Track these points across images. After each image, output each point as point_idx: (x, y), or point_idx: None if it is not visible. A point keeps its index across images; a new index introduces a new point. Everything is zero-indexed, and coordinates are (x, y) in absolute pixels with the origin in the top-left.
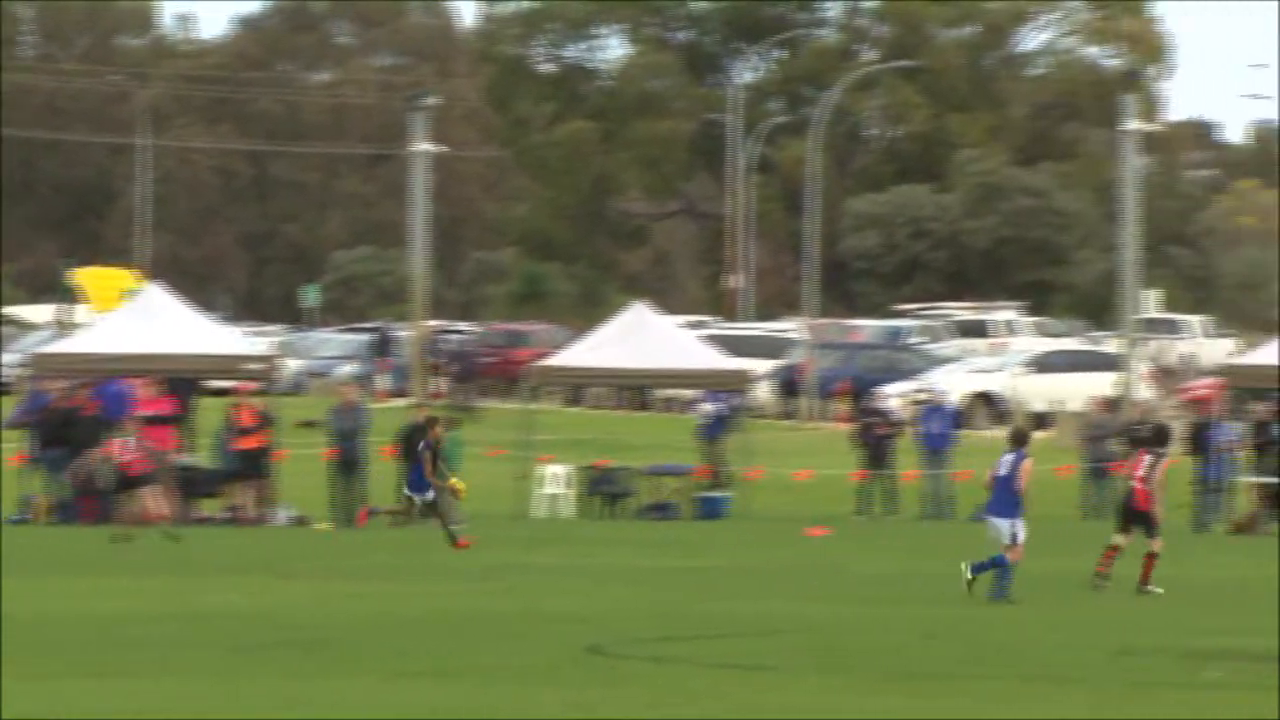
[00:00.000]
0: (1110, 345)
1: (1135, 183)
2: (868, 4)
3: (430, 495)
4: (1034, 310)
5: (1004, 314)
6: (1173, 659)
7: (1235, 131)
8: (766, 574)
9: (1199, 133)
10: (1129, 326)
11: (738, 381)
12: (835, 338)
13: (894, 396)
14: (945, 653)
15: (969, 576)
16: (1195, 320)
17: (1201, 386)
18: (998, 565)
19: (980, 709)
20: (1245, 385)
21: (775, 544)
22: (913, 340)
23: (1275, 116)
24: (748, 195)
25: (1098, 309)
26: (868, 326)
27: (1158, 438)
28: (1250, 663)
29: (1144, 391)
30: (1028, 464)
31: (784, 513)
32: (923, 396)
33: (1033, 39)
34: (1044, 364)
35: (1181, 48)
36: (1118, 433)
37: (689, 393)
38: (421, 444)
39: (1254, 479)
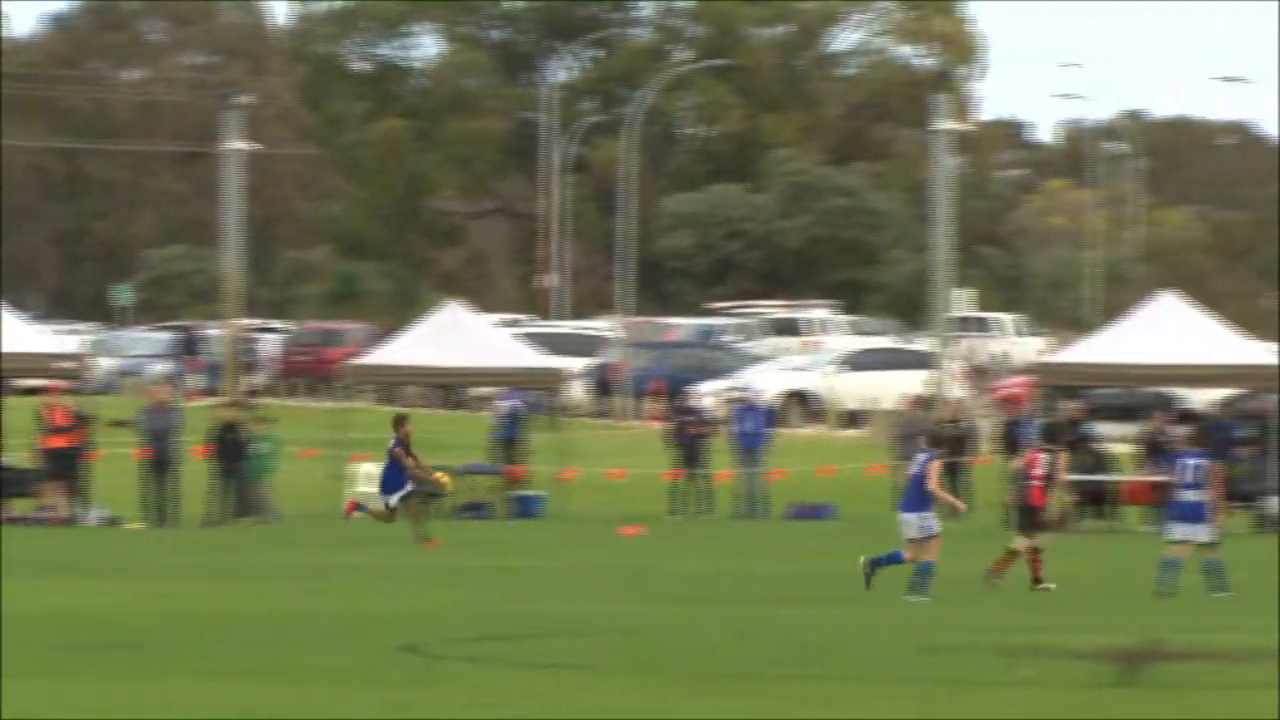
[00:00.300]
0: (922, 344)
1: (947, 182)
2: (681, 4)
3: (402, 493)
4: (847, 309)
5: (817, 313)
6: (985, 656)
7: (1046, 131)
8: (581, 574)
9: (1010, 133)
10: (941, 325)
11: (551, 380)
12: (649, 337)
13: (708, 395)
14: (759, 652)
15: (867, 570)
16: (1006, 319)
17: (1013, 385)
18: (894, 562)
19: (794, 708)
20: (1056, 384)
21: (590, 544)
22: (726, 339)
23: (1086, 116)
24: (562, 194)
25: (910, 308)
26: (682, 325)
27: (1050, 435)
28: (1063, 660)
29: (956, 390)
30: (936, 464)
31: (598, 512)
32: (736, 395)
33: (845, 39)
34: (857, 363)
35: (993, 48)
36: (929, 431)
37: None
38: (392, 442)
39: (1066, 476)
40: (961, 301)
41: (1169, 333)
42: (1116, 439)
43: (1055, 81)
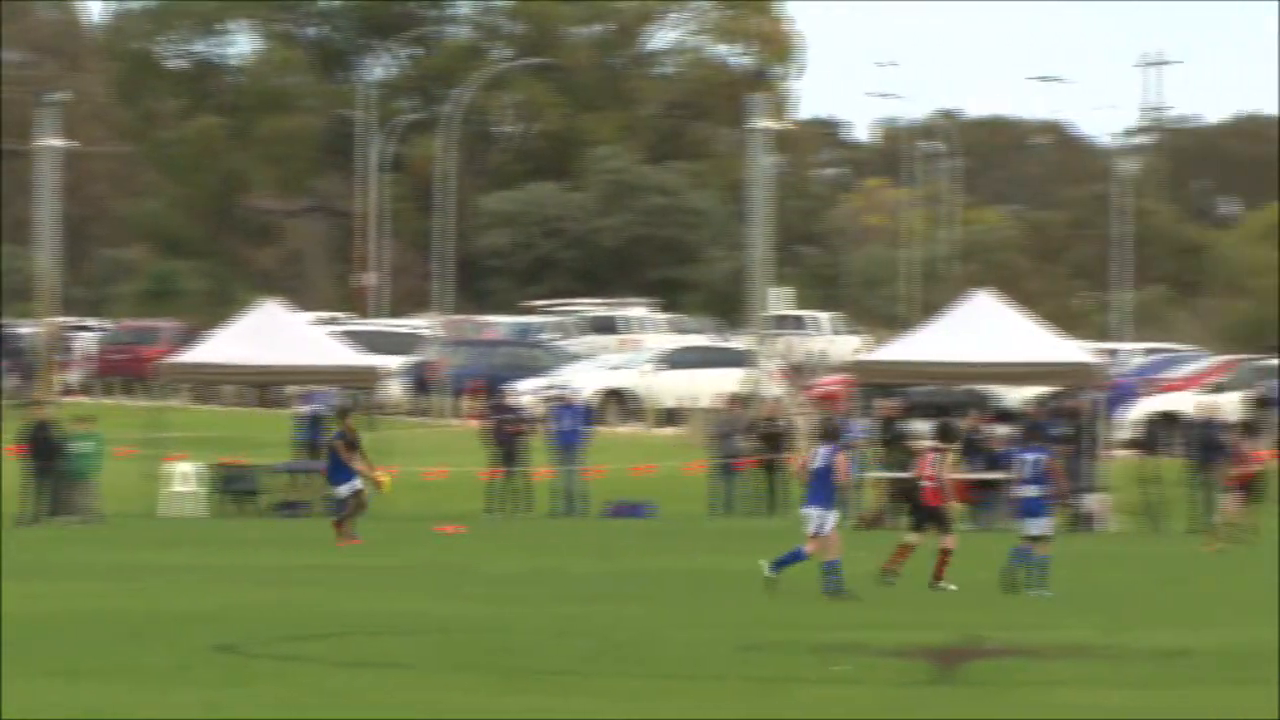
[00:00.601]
0: (740, 342)
1: (764, 181)
2: (499, 3)
3: (350, 487)
4: (665, 308)
5: (635, 311)
6: (801, 654)
7: (863, 130)
8: (399, 572)
9: (827, 132)
10: (758, 324)
11: (369, 379)
12: (467, 335)
13: (525, 394)
14: (576, 650)
15: (770, 574)
16: (823, 317)
17: (829, 383)
18: (796, 559)
19: (611, 706)
20: (872, 382)
21: (408, 542)
22: (544, 337)
23: (902, 115)
24: (379, 193)
25: (728, 306)
26: (500, 324)
27: (943, 435)
28: (878, 657)
29: (773, 388)
30: (843, 456)
31: (416, 511)
32: (554, 394)
33: (663, 38)
34: (675, 361)
35: (810, 47)
36: (746, 429)
37: (320, 389)
38: (334, 434)
39: (881, 474)
40: (779, 300)
41: (984, 331)
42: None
43: (871, 81)
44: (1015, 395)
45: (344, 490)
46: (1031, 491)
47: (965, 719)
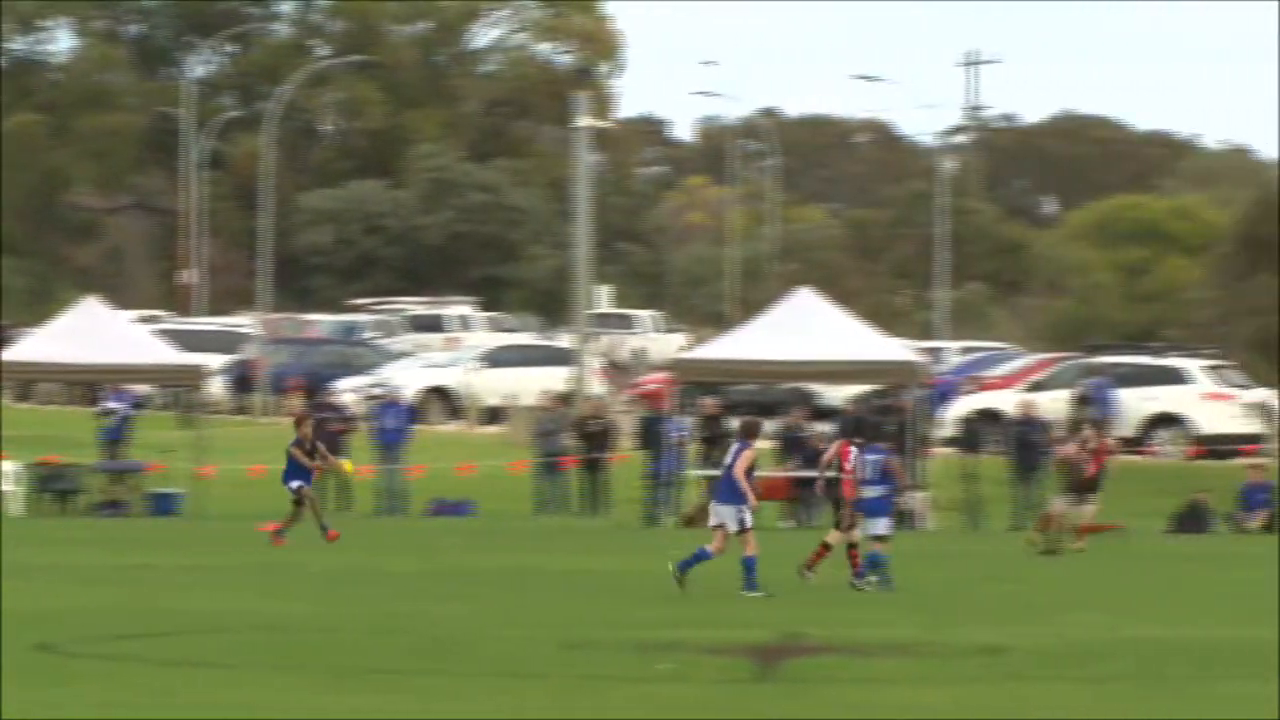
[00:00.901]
0: (562, 340)
1: (587, 179)
2: (321, 1)
3: (295, 486)
4: (487, 306)
5: (458, 309)
6: (623, 652)
7: (685, 129)
8: (220, 571)
9: (649, 130)
10: (581, 322)
11: (190, 377)
12: (289, 333)
13: (348, 392)
14: (397, 648)
15: (678, 575)
16: (646, 315)
17: (652, 381)
18: (701, 559)
19: (433, 705)
20: (694, 380)
21: (229, 541)
22: (367, 336)
23: (723, 114)
24: (200, 190)
25: (550, 304)
26: (322, 322)
27: (858, 431)
28: (701, 655)
29: (596, 386)
30: (748, 453)
31: (238, 509)
32: (377, 392)
33: (485, 36)
34: (497, 359)
35: (632, 45)
36: (569, 428)
37: (140, 388)
38: (291, 443)
39: (703, 472)
40: (601, 298)
41: (806, 329)
42: None
43: (693, 79)
44: (837, 393)
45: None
46: (873, 492)
47: (786, 717)
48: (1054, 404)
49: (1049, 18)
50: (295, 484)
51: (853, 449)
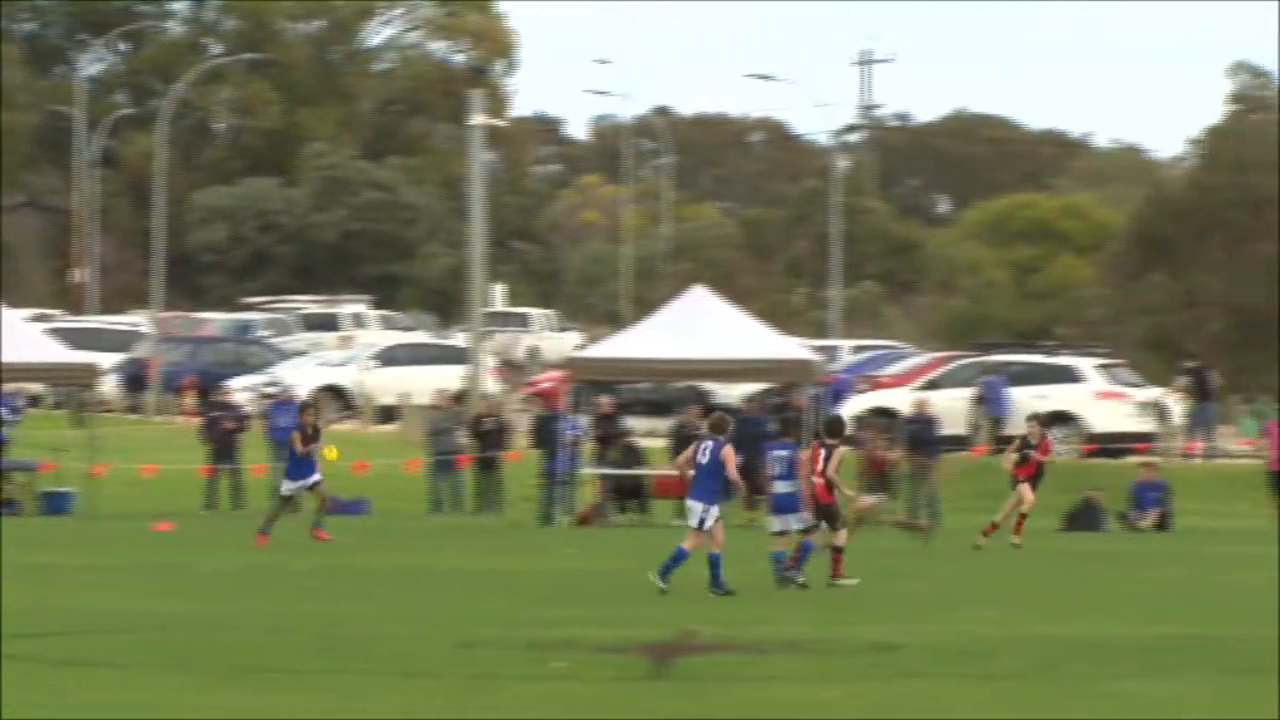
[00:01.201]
0: (457, 339)
1: (481, 178)
2: None
3: (290, 487)
4: (382, 304)
5: (352, 308)
6: (518, 650)
7: (579, 128)
8: (113, 570)
9: (544, 129)
10: (475, 321)
11: (83, 376)
12: (182, 332)
13: (241, 390)
14: (292, 647)
15: (661, 585)
16: (540, 314)
17: (546, 380)
18: (679, 560)
19: (327, 703)
20: (589, 379)
21: (122, 540)
22: (261, 334)
23: (618, 113)
24: (93, 188)
25: (445, 303)
26: (216, 320)
27: (830, 430)
28: (595, 653)
29: (490, 385)
30: (728, 450)
31: (130, 509)
32: (271, 390)
33: (379, 34)
34: (392, 358)
35: (526, 44)
36: (463, 426)
37: (31, 388)
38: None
39: (597, 471)
40: (496, 297)
41: (700, 328)
42: (648, 433)
43: (587, 78)
44: (731, 392)
45: (286, 488)
46: (782, 488)
47: (679, 716)
48: (948, 402)
49: (944, 17)
50: (287, 486)
51: (822, 451)
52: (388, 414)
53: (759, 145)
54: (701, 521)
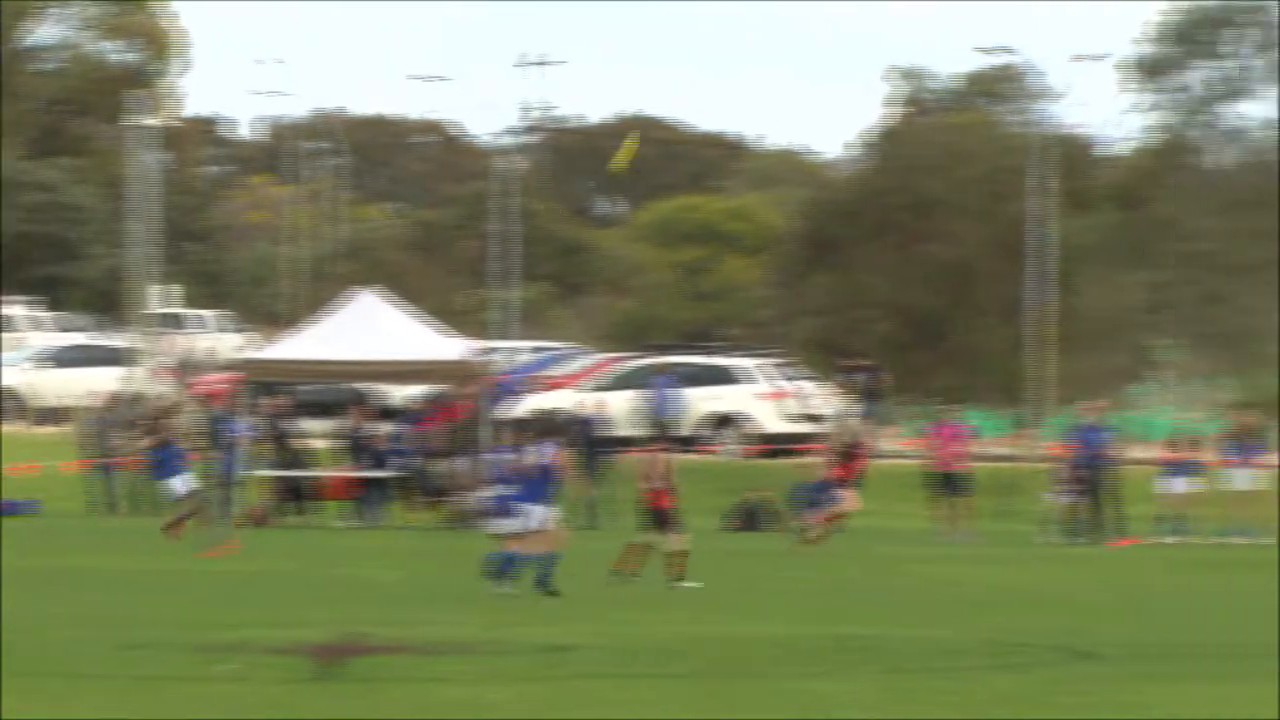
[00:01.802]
0: (123, 340)
1: (146, 178)
2: None
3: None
4: (48, 305)
5: (18, 309)
6: (183, 652)
7: (247, 127)
8: None
9: (211, 129)
10: (142, 321)
11: None
12: None
13: None
14: None
15: (506, 591)
16: (208, 315)
17: (214, 381)
18: (511, 562)
19: None
20: (258, 379)
21: None
22: None
23: (286, 113)
24: None
25: (110, 304)
26: None
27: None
28: (260, 655)
29: (157, 386)
30: (563, 454)
31: None
32: None
33: (44, 34)
34: (58, 359)
35: (194, 44)
36: (128, 427)
37: None
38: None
39: (266, 472)
40: (163, 297)
41: (369, 329)
42: (317, 434)
43: (255, 78)
44: (399, 393)
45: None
46: (503, 491)
47: (345, 716)
48: (619, 403)
49: (612, 19)
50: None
51: (664, 457)
52: (54, 415)
53: (428, 146)
54: (541, 522)
